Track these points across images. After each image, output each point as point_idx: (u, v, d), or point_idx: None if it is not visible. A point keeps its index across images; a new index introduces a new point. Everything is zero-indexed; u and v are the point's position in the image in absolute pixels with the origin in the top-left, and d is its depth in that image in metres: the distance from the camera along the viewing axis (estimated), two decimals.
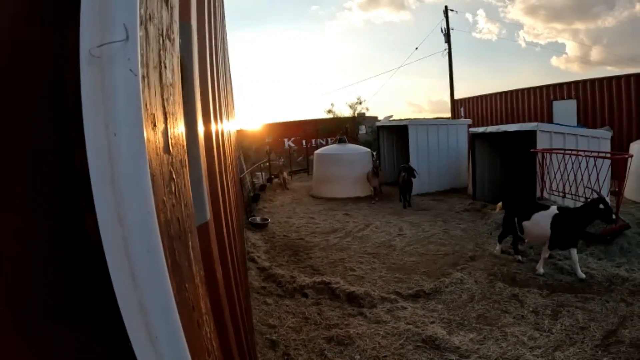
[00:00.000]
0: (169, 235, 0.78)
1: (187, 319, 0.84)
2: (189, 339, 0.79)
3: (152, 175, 0.71)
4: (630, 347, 5.01)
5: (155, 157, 0.74)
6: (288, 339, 5.50)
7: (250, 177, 17.03)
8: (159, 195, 0.75)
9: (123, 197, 0.63)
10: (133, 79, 0.64)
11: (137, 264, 0.63)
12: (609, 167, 10.41)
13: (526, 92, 22.78)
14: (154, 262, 0.65)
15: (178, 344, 0.69)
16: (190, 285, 0.90)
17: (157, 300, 0.65)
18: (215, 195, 2.03)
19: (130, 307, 0.64)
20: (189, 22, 1.59)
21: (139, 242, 0.63)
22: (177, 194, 0.90)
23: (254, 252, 9.15)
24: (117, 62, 0.63)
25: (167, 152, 0.85)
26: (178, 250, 0.83)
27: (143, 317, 0.64)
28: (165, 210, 0.78)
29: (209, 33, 2.52)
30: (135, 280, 0.63)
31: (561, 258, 7.80)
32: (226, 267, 2.11)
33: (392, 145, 19.35)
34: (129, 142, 0.63)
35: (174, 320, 0.68)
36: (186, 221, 0.96)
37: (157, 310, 0.65)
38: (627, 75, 17.75)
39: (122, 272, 0.63)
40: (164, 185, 0.80)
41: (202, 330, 0.99)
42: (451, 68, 28.13)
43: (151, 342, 0.65)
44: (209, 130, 2.01)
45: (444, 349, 5.12)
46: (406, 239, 10.14)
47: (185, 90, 1.47)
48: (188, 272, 0.91)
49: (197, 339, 0.93)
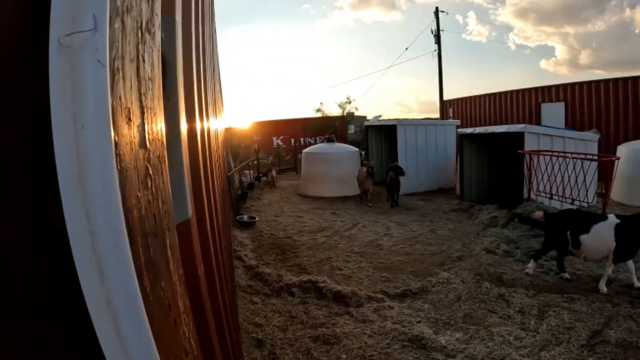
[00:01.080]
0: (143, 232, 0.76)
1: (162, 317, 0.83)
2: (163, 338, 0.78)
3: (125, 170, 0.70)
4: (616, 347, 5.05)
5: (129, 151, 0.72)
6: (274, 338, 5.48)
7: (239, 175, 16.99)
8: (133, 191, 0.73)
9: (90, 192, 0.61)
10: (101, 69, 0.62)
11: (104, 261, 0.61)
12: (596, 169, 10.51)
13: (515, 94, 22.91)
14: (121, 259, 0.63)
15: (147, 341, 0.67)
16: (166, 284, 0.89)
17: (125, 297, 0.64)
18: (199, 193, 2.01)
19: (97, 304, 0.62)
20: (173, 17, 1.57)
21: (106, 238, 0.62)
22: (154, 190, 0.88)
23: (241, 250, 9.12)
24: (85, 52, 0.61)
25: (144, 147, 0.83)
26: (153, 247, 0.82)
27: (111, 314, 0.63)
28: (140, 207, 0.76)
29: (196, 29, 2.49)
30: (103, 277, 0.62)
31: (547, 259, 7.85)
32: (209, 265, 2.08)
33: (381, 144, 19.41)
34: (97, 135, 0.61)
35: (142, 318, 0.66)
36: (164, 218, 0.94)
37: (125, 307, 0.64)
38: (615, 79, 17.92)
39: (89, 269, 0.61)
40: (139, 181, 0.78)
41: (180, 330, 0.97)
42: (441, 69, 28.27)
43: (119, 339, 0.63)
44: (193, 127, 1.99)
45: (431, 349, 5.13)
46: (393, 238, 10.16)
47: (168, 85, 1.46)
48: (164, 270, 0.89)
49: (174, 338, 0.91)
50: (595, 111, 18.52)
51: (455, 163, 16.36)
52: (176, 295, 0.98)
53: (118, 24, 0.72)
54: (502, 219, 10.66)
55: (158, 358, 0.69)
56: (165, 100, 1.34)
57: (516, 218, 10.21)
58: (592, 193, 10.37)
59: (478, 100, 25.63)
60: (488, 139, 13.68)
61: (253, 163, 21.67)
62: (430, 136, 17.01)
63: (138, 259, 0.70)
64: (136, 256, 0.69)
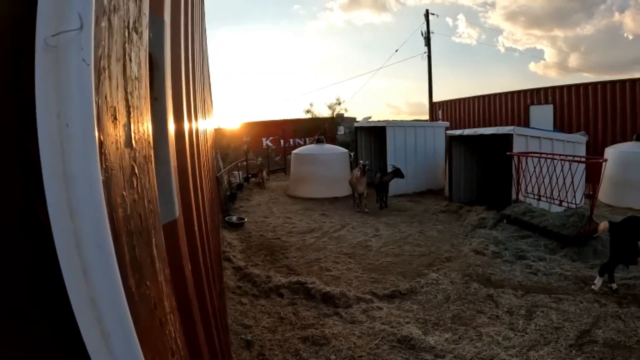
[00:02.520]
0: (129, 231, 0.76)
1: (147, 316, 0.83)
2: (149, 338, 0.78)
3: (111, 169, 0.70)
4: (604, 346, 5.10)
5: (114, 150, 0.73)
6: (263, 339, 5.47)
7: (228, 176, 16.93)
8: (118, 190, 0.73)
9: (74, 191, 0.61)
10: (86, 68, 0.62)
11: (88, 260, 0.61)
12: (584, 171, 10.59)
13: (504, 97, 23.10)
14: (105, 258, 0.63)
15: (131, 341, 0.67)
16: (152, 283, 0.89)
17: (109, 296, 0.64)
18: (187, 193, 2.00)
19: (81, 303, 0.62)
20: (161, 17, 1.57)
21: (90, 237, 0.62)
22: (140, 190, 0.88)
23: (230, 251, 9.09)
24: (70, 52, 0.61)
25: (129, 146, 0.83)
26: (138, 247, 0.82)
27: (95, 313, 0.63)
28: (125, 206, 0.76)
29: (185, 29, 2.49)
30: (87, 276, 0.62)
31: (535, 260, 7.91)
32: (197, 265, 2.08)
33: (370, 146, 19.42)
34: (82, 134, 0.62)
35: (127, 317, 0.66)
36: (149, 217, 0.94)
37: (109, 306, 0.64)
38: (603, 82, 18.14)
39: (73, 268, 0.61)
40: (124, 180, 0.78)
41: (165, 329, 0.97)
42: (430, 71, 28.34)
43: (103, 338, 0.63)
44: (181, 127, 1.98)
45: (419, 349, 5.14)
46: (382, 239, 10.18)
47: (155, 85, 1.45)
48: (150, 269, 0.89)
49: (159, 338, 0.91)
50: (584, 114, 18.72)
51: (444, 164, 16.42)
52: (162, 294, 0.98)
53: (105, 23, 0.72)
54: (490, 220, 10.73)
55: (142, 358, 0.69)
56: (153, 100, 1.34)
57: (504, 219, 10.28)
58: (580, 195, 10.46)
59: (467, 102, 25.81)
60: (477, 141, 13.75)
61: (242, 164, 21.63)
62: (420, 138, 17.05)
63: (123, 258, 0.70)
64: (121, 255, 0.69)
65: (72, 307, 0.62)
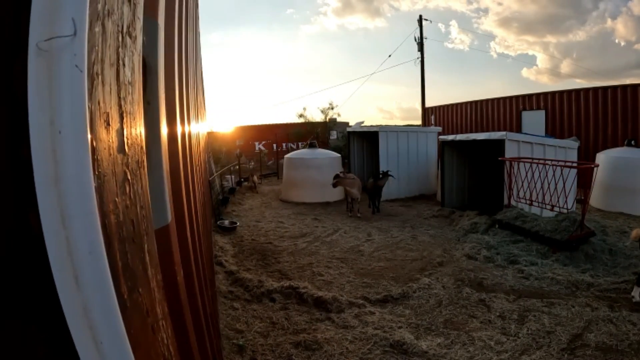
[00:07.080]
0: (121, 238, 0.76)
1: (139, 323, 0.82)
2: (141, 344, 0.77)
3: (103, 175, 0.69)
4: (596, 350, 5.13)
5: (107, 157, 0.72)
6: (255, 344, 5.45)
7: (220, 180, 16.88)
8: (110, 196, 0.73)
9: (66, 197, 0.60)
10: (79, 75, 0.62)
11: (79, 267, 0.61)
12: (576, 176, 10.65)
13: (496, 102, 23.16)
14: (96, 265, 0.63)
15: (124, 347, 0.66)
16: (144, 289, 0.88)
17: (101, 303, 0.63)
18: (179, 198, 1.99)
19: (74, 310, 0.62)
20: (155, 21, 1.56)
21: (82, 243, 0.61)
22: (132, 195, 0.87)
23: (222, 255, 9.05)
24: (63, 58, 0.61)
25: (122, 152, 0.82)
26: (131, 253, 0.81)
27: (87, 320, 0.62)
28: (118, 212, 0.76)
29: (179, 32, 2.48)
30: (79, 283, 0.61)
31: (527, 264, 7.94)
32: (189, 271, 2.07)
33: (362, 151, 19.44)
34: (75, 140, 0.61)
35: (119, 324, 0.66)
36: (142, 223, 0.93)
37: (101, 313, 0.63)
38: (595, 88, 18.23)
39: (66, 275, 0.61)
40: (117, 186, 0.77)
41: (158, 336, 0.96)
42: (423, 76, 28.51)
43: (96, 345, 0.63)
44: (174, 132, 1.97)
45: (412, 354, 5.14)
46: (375, 244, 10.17)
47: (149, 89, 1.45)
48: (142, 276, 0.89)
49: (152, 344, 0.91)
50: (575, 119, 18.80)
51: (436, 170, 16.46)
52: (154, 301, 0.98)
53: (98, 27, 0.72)
54: (482, 225, 10.75)
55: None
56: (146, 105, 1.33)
57: (496, 224, 10.32)
58: (572, 200, 10.52)
59: (460, 107, 25.87)
60: (469, 146, 13.80)
61: (235, 168, 21.56)
62: (412, 143, 17.07)
63: (115, 264, 0.70)
64: (113, 262, 0.68)
65: (64, 315, 0.61)
